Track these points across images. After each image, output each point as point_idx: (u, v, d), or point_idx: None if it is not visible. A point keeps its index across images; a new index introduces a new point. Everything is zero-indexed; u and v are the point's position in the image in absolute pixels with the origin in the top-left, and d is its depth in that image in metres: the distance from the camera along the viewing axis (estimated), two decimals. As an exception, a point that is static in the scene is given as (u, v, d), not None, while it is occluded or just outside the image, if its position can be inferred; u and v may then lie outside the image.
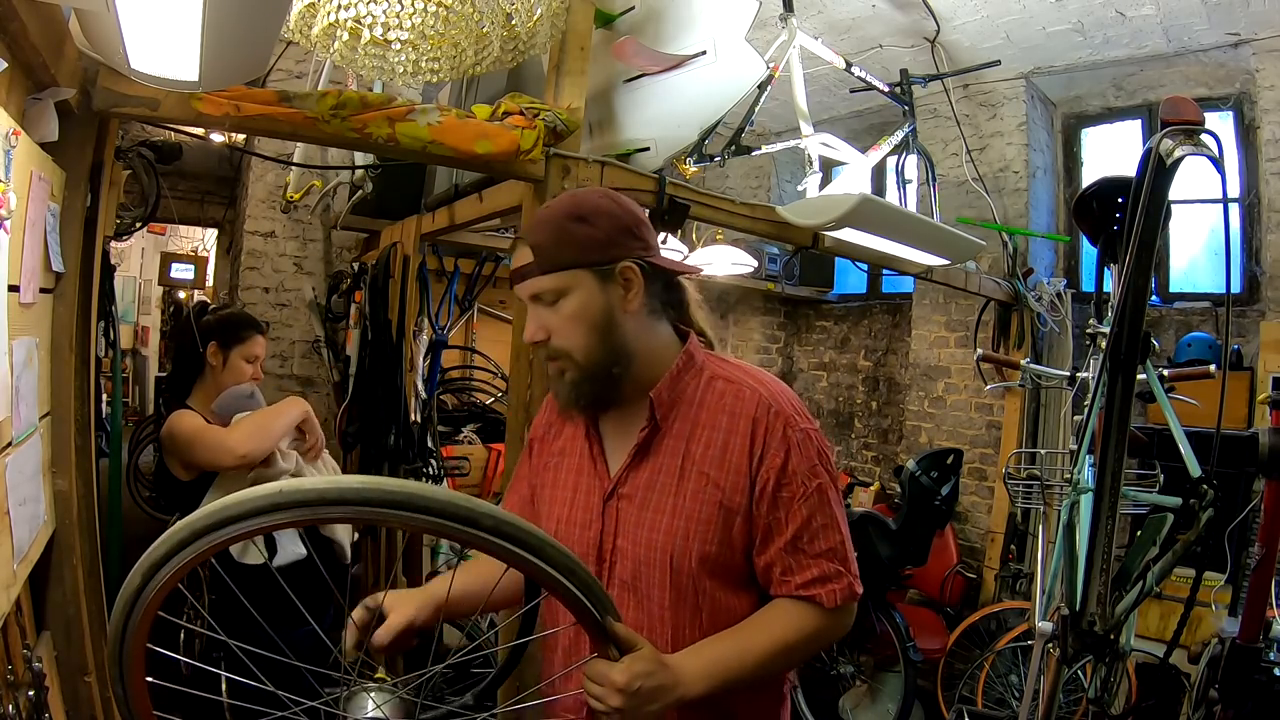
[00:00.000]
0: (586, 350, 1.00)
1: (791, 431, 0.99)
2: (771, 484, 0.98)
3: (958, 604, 3.58)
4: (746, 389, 1.02)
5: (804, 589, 0.98)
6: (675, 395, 1.03)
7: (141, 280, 7.38)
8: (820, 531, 0.99)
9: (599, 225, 1.00)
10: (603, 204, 1.02)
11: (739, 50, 1.95)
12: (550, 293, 1.00)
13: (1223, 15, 3.11)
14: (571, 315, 0.99)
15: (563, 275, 0.99)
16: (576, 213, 1.00)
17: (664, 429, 1.03)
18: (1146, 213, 1.06)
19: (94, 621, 1.52)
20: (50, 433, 1.40)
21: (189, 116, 1.46)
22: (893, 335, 4.62)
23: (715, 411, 1.02)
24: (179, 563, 0.66)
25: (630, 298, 1.01)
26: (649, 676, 0.85)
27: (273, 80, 3.26)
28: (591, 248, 0.99)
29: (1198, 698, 1.76)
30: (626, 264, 1.00)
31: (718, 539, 0.99)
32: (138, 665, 0.71)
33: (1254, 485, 2.12)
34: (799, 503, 0.98)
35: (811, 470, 0.99)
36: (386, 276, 2.89)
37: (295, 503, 0.63)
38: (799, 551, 0.99)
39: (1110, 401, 1.15)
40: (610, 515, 1.04)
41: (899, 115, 3.21)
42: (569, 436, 1.13)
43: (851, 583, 1.00)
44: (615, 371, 1.01)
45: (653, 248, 1.04)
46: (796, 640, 0.98)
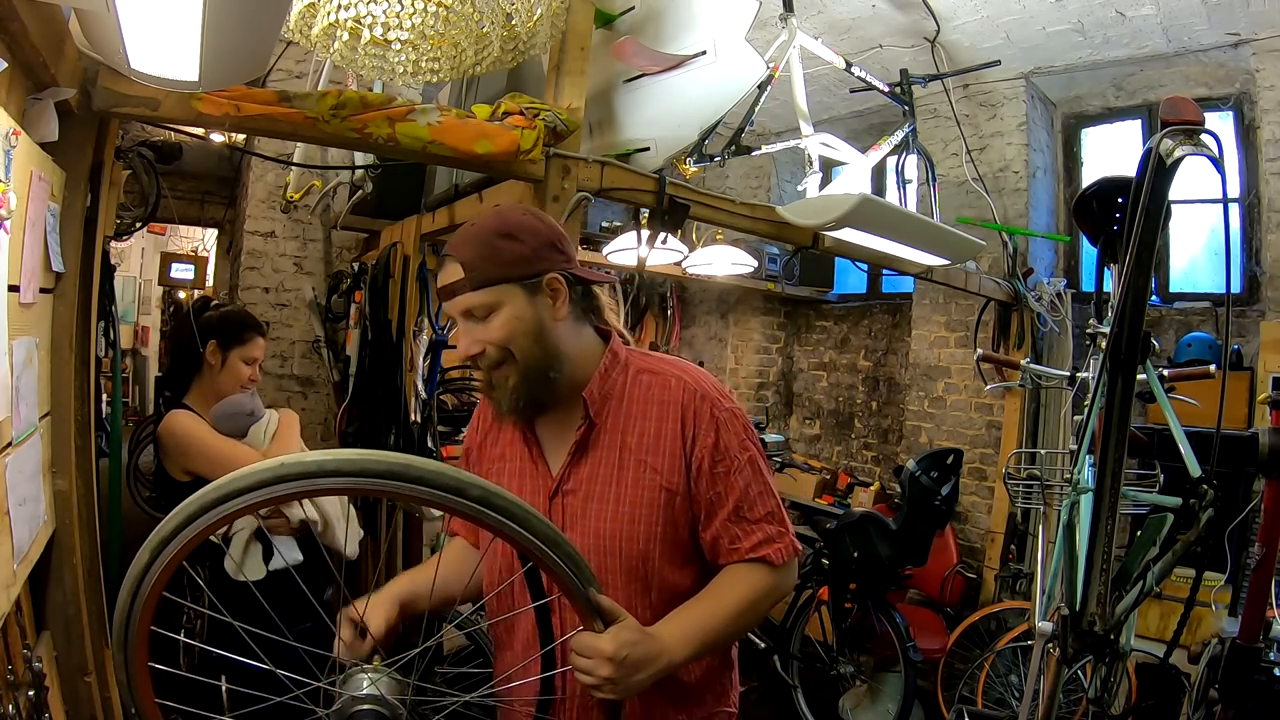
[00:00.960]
0: (524, 355, 1.05)
1: (718, 411, 1.07)
2: (707, 462, 1.05)
3: (958, 604, 3.58)
4: (672, 379, 1.09)
5: (753, 552, 1.06)
6: (605, 392, 1.09)
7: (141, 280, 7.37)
8: (758, 498, 1.07)
9: (526, 241, 1.05)
10: (528, 221, 1.07)
11: (739, 50, 1.95)
12: (481, 308, 1.04)
13: (1223, 15, 3.10)
14: (504, 327, 1.04)
15: (493, 290, 1.03)
16: (504, 230, 1.05)
17: (599, 424, 1.09)
18: (1146, 213, 1.06)
19: (94, 621, 1.52)
20: (50, 433, 1.40)
21: (189, 116, 1.46)
22: (893, 335, 4.62)
23: (645, 402, 1.09)
24: (186, 536, 0.69)
25: (558, 306, 1.06)
26: (635, 645, 0.88)
27: (273, 80, 3.26)
28: (519, 263, 1.04)
29: (1198, 698, 1.76)
30: (552, 275, 1.06)
31: (662, 519, 1.05)
32: (141, 645, 0.75)
33: (1254, 485, 2.13)
34: (735, 475, 1.06)
35: (741, 444, 1.07)
36: (386, 276, 2.89)
37: (296, 475, 0.68)
38: (742, 519, 1.06)
39: (1110, 401, 1.15)
40: (557, 511, 1.09)
41: (899, 115, 3.21)
42: (506, 443, 1.18)
43: (792, 540, 1.09)
44: (552, 374, 1.06)
45: (573, 260, 1.11)
46: (757, 597, 1.05)
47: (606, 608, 0.88)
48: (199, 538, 0.69)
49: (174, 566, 0.71)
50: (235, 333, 1.99)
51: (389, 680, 0.85)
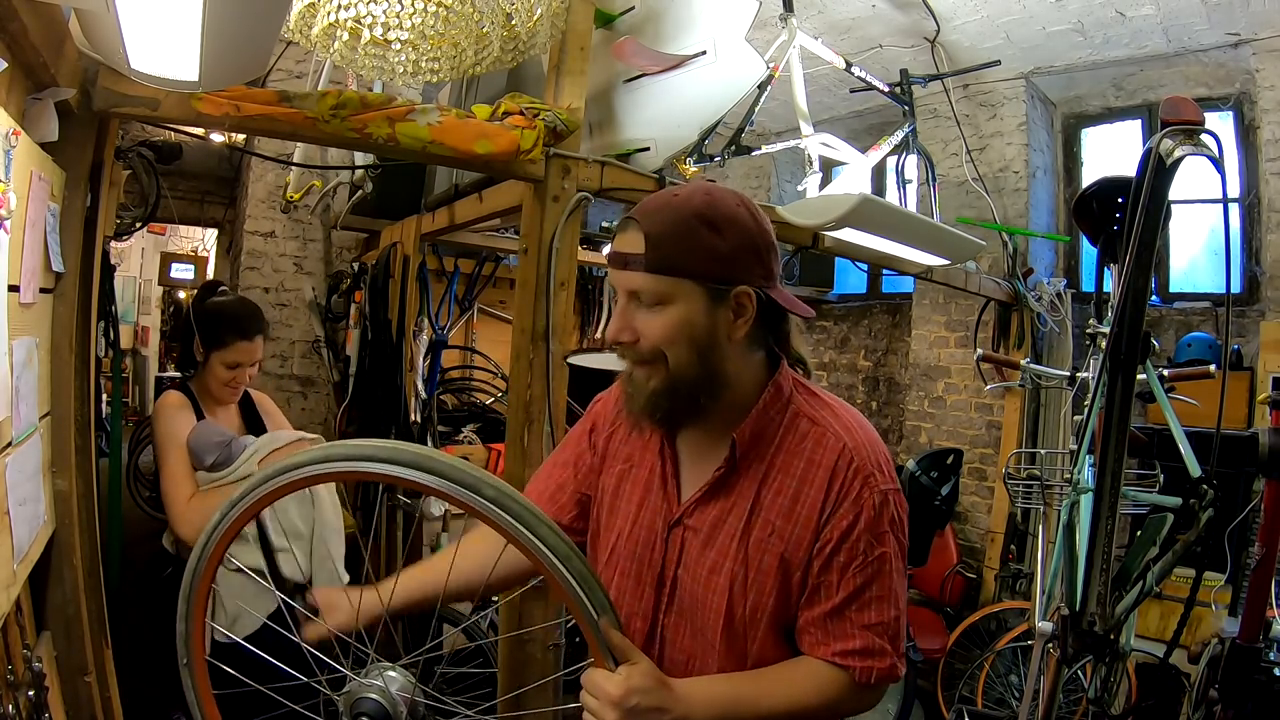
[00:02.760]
0: (679, 362, 0.91)
1: (868, 492, 0.91)
2: (833, 544, 0.91)
3: (958, 604, 3.58)
4: (830, 435, 0.94)
5: (840, 657, 0.91)
6: (757, 432, 0.96)
7: (141, 280, 7.37)
8: (872, 603, 0.91)
9: (729, 238, 0.89)
10: (739, 214, 0.91)
11: (739, 50, 1.95)
12: (652, 295, 0.90)
13: (1223, 15, 3.10)
14: (670, 325, 0.90)
15: (672, 281, 0.89)
16: (709, 216, 0.89)
17: (739, 467, 0.96)
18: (1146, 213, 1.06)
19: (94, 621, 1.52)
20: (50, 433, 1.40)
21: (189, 116, 1.46)
22: (893, 335, 4.62)
23: (793, 456, 0.94)
24: (249, 502, 0.85)
25: (739, 325, 0.92)
26: (646, 694, 0.81)
27: (273, 80, 3.26)
28: (714, 261, 0.89)
29: (1198, 698, 1.76)
30: (745, 289, 0.90)
31: (774, 591, 0.93)
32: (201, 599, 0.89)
33: (1254, 485, 2.12)
34: (854, 570, 0.91)
35: (879, 537, 0.92)
36: (386, 276, 2.89)
37: (338, 458, 0.81)
38: (845, 619, 0.91)
39: (1110, 401, 1.15)
40: (674, 543, 0.98)
41: (899, 115, 3.21)
42: (639, 446, 1.05)
43: (895, 664, 0.92)
44: (703, 399, 0.93)
45: (775, 276, 0.95)
46: (816, 705, 0.91)
47: (617, 644, 0.81)
48: (260, 505, 0.85)
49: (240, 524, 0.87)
50: (215, 334, 1.85)
51: (402, 678, 0.86)
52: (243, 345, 1.87)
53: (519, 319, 1.88)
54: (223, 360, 1.86)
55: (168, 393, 1.90)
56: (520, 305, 1.87)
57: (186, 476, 1.75)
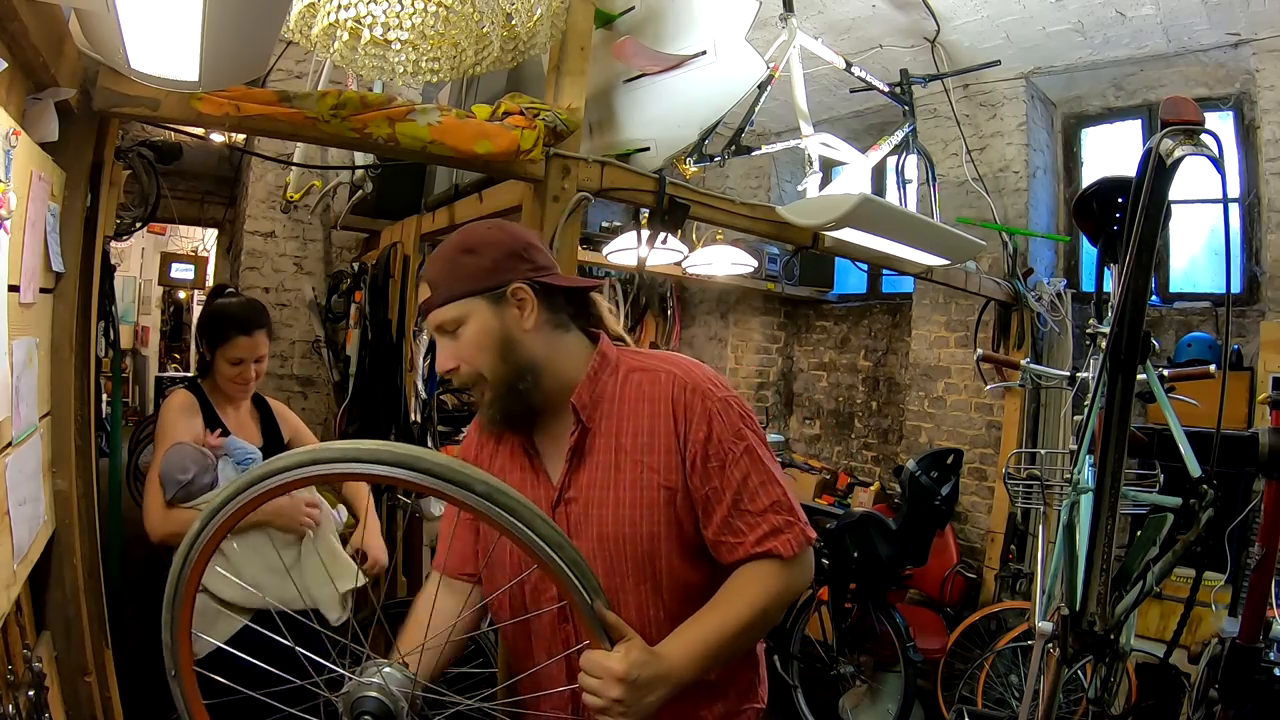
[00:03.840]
0: (492, 370, 1.05)
1: (710, 402, 1.03)
2: (699, 456, 1.02)
3: (958, 604, 3.58)
4: (662, 374, 1.07)
5: (758, 545, 1.01)
6: (596, 395, 1.08)
7: (141, 280, 7.37)
8: (759, 489, 1.02)
9: (486, 254, 1.05)
10: (489, 234, 1.08)
11: (739, 50, 1.95)
12: (450, 323, 1.05)
13: (1223, 15, 3.10)
14: (472, 340, 1.04)
15: (458, 305, 1.04)
16: (465, 246, 1.06)
17: (593, 429, 1.07)
18: (1146, 213, 1.06)
19: (94, 621, 1.52)
20: (50, 433, 1.40)
21: (189, 116, 1.46)
22: (893, 335, 4.62)
23: (636, 402, 1.06)
24: (233, 508, 0.82)
25: (526, 316, 1.06)
26: (644, 665, 0.86)
27: (273, 80, 3.26)
28: (480, 275, 1.04)
29: (1198, 698, 1.76)
30: (516, 285, 1.05)
31: (664, 518, 1.03)
32: (186, 607, 0.87)
33: (1254, 485, 2.13)
34: (730, 467, 1.02)
35: (736, 434, 1.03)
36: (386, 276, 2.89)
37: (326, 459, 0.80)
38: (744, 513, 1.02)
39: (1110, 401, 1.15)
40: (560, 521, 1.07)
41: (899, 115, 3.21)
42: (505, 454, 1.16)
43: (803, 529, 1.04)
44: (522, 387, 1.05)
45: (543, 267, 1.09)
46: (768, 602, 1.01)
47: (612, 624, 0.86)
48: (242, 511, 0.83)
49: (224, 531, 0.84)
50: (218, 331, 1.90)
51: (399, 674, 0.87)
52: (243, 340, 1.89)
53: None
54: (225, 357, 1.89)
55: (175, 393, 1.91)
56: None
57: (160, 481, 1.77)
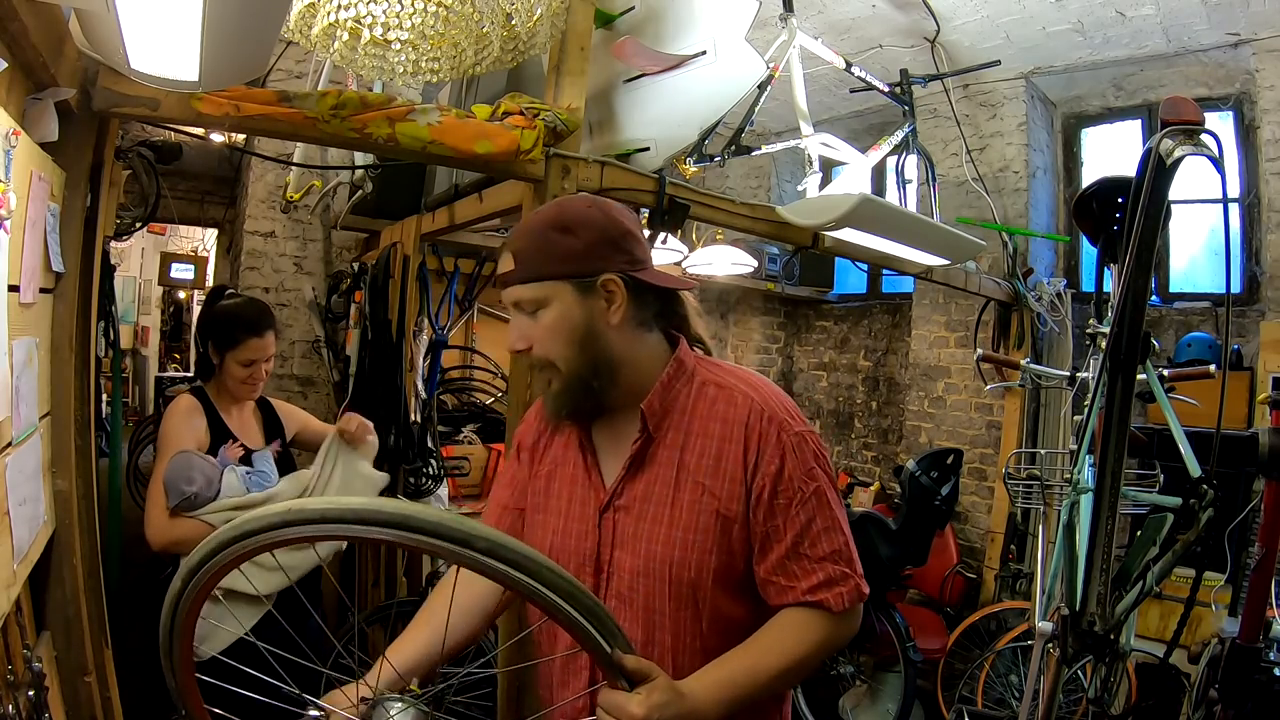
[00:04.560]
0: (567, 361, 0.99)
1: (786, 436, 0.98)
2: (768, 491, 0.97)
3: (958, 604, 3.58)
4: (739, 394, 1.01)
5: (810, 594, 0.96)
6: (667, 404, 1.02)
7: (141, 280, 7.36)
8: (821, 535, 0.97)
9: (581, 236, 0.98)
10: (588, 214, 1.00)
11: (739, 50, 1.95)
12: (530, 302, 0.99)
13: (1223, 15, 3.11)
14: (551, 326, 0.98)
15: (542, 286, 0.98)
16: (560, 222, 0.99)
17: (658, 439, 1.02)
18: (1146, 213, 1.06)
19: (94, 621, 1.52)
20: (50, 433, 1.40)
21: (189, 116, 1.46)
22: (893, 335, 4.62)
23: (708, 419, 1.01)
24: (211, 569, 0.74)
25: (613, 311, 0.99)
26: (667, 706, 0.82)
27: (273, 80, 3.26)
28: (572, 259, 0.98)
29: (1198, 698, 1.76)
30: (608, 277, 0.98)
31: (716, 547, 0.97)
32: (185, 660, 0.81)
33: (1254, 485, 2.13)
34: (796, 508, 0.97)
35: (808, 473, 0.98)
36: (386, 276, 2.89)
37: (301, 520, 0.71)
38: (801, 557, 0.97)
39: (1110, 401, 1.15)
40: (607, 527, 1.02)
41: (899, 115, 3.22)
42: (561, 447, 1.11)
43: (858, 584, 0.98)
44: (595, 385, 1.00)
45: (639, 260, 1.02)
46: (807, 652, 0.96)
47: (632, 669, 0.81)
48: (221, 572, 0.75)
49: (206, 591, 0.77)
50: (227, 334, 1.90)
51: (416, 711, 0.82)
52: (255, 342, 1.90)
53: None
54: (237, 359, 1.89)
55: (179, 397, 1.91)
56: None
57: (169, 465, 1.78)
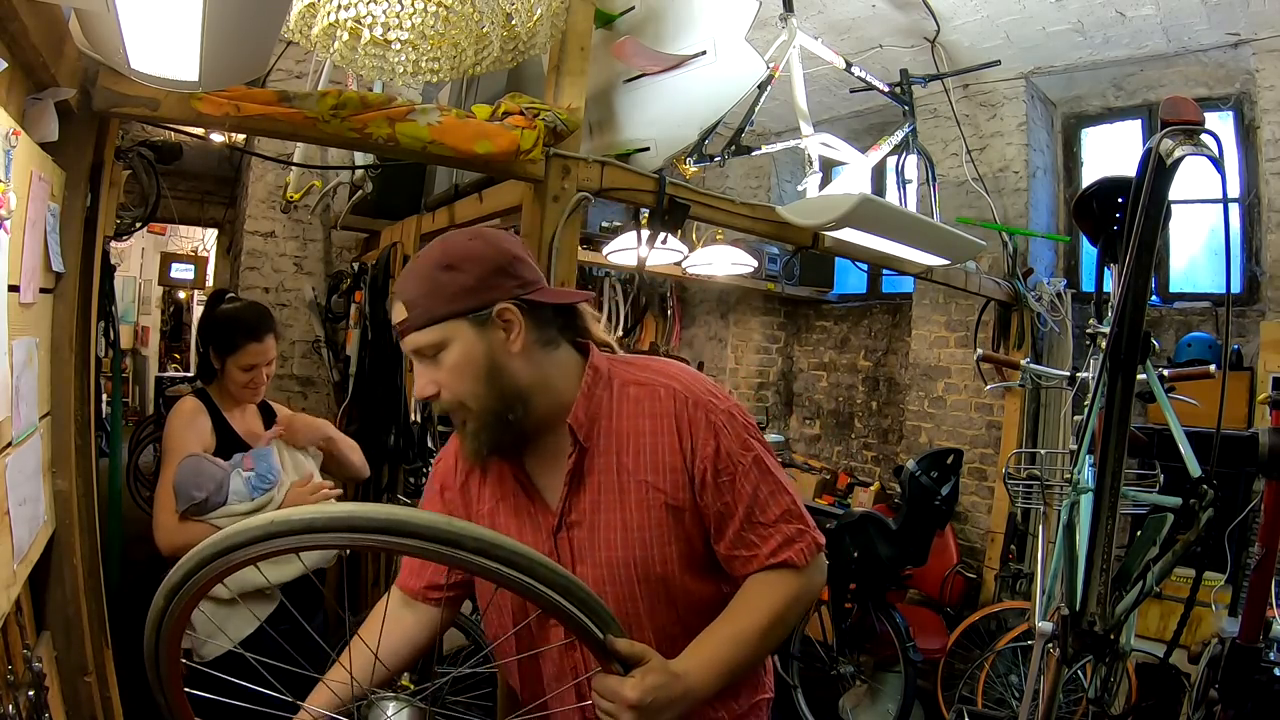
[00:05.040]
0: (478, 399, 0.97)
1: (714, 416, 1.00)
2: (709, 472, 0.99)
3: (958, 604, 3.58)
4: (660, 388, 1.02)
5: (773, 557, 0.99)
6: (592, 413, 1.02)
7: (141, 280, 7.37)
8: (769, 500, 1.00)
9: (468, 270, 0.96)
10: (471, 247, 0.99)
11: (739, 50, 1.95)
12: (429, 347, 0.97)
13: (1223, 15, 3.10)
14: (454, 367, 0.96)
15: (438, 329, 0.96)
16: (444, 261, 0.97)
17: (590, 449, 1.01)
18: (1146, 213, 1.06)
19: (94, 621, 1.52)
20: (50, 433, 1.40)
21: (189, 116, 1.45)
22: (893, 335, 4.62)
23: (635, 418, 1.01)
24: (194, 585, 0.73)
25: (513, 339, 0.98)
26: (660, 689, 0.84)
27: (273, 80, 3.26)
28: (463, 295, 0.95)
29: (1198, 698, 1.76)
30: (502, 306, 0.96)
31: (674, 537, 1.00)
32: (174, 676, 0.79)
33: (1254, 485, 2.13)
34: (741, 480, 0.99)
35: (743, 445, 1.00)
36: (386, 276, 2.89)
37: (286, 531, 0.69)
38: (756, 525, 1.00)
39: (1110, 401, 1.15)
40: (564, 547, 1.03)
41: (899, 115, 3.21)
42: (495, 483, 1.09)
43: (813, 536, 1.02)
44: (511, 416, 0.98)
45: (530, 282, 1.00)
46: (783, 608, 0.99)
47: (627, 652, 0.83)
48: (206, 586, 0.73)
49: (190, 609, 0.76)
50: (228, 339, 1.89)
51: (412, 710, 0.82)
52: (254, 347, 1.89)
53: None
54: (238, 364, 1.89)
55: (183, 400, 1.91)
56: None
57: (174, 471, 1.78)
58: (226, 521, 1.73)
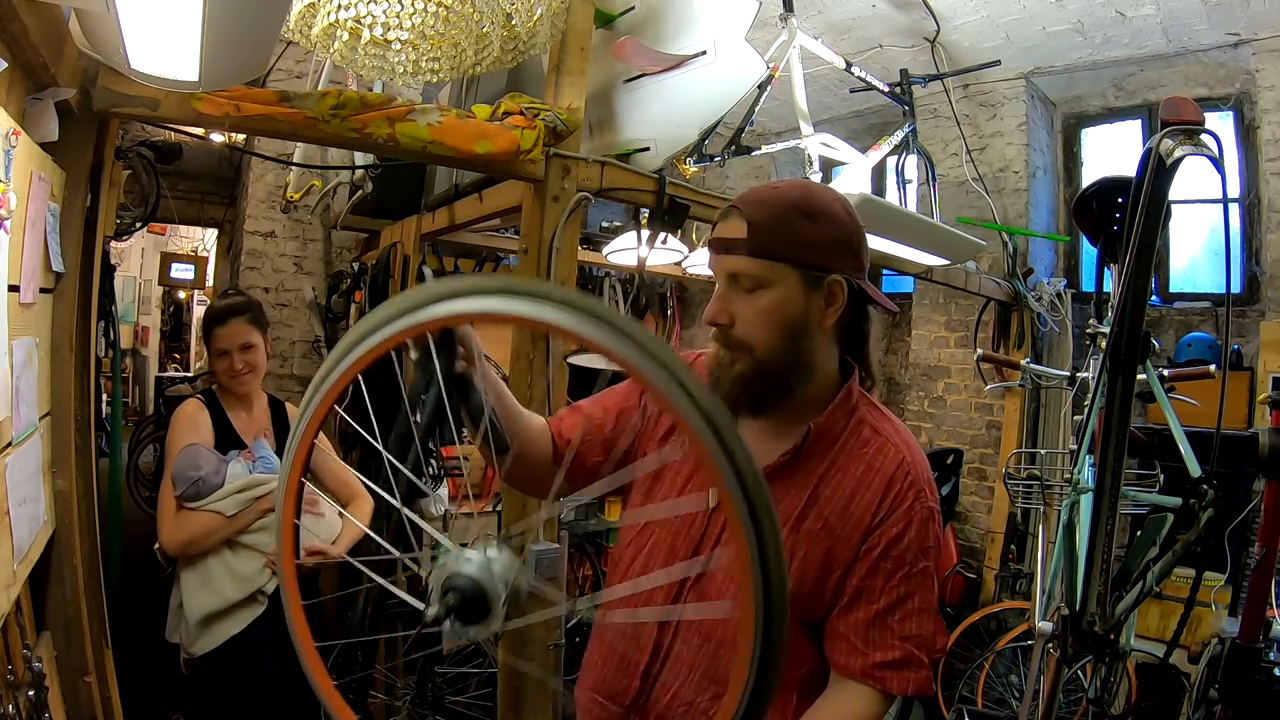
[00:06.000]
0: (768, 349, 0.94)
1: (919, 506, 0.94)
2: (879, 550, 0.93)
3: (958, 604, 3.58)
4: (892, 447, 0.97)
5: (878, 669, 0.91)
6: (825, 429, 0.98)
7: (141, 280, 7.36)
8: (914, 615, 0.93)
9: (825, 228, 0.93)
10: (835, 208, 0.96)
11: (739, 50, 1.95)
12: (751, 279, 0.93)
13: (1223, 15, 3.10)
14: (766, 309, 0.93)
15: (771, 266, 0.92)
16: (806, 207, 0.94)
17: (803, 458, 0.97)
18: (1146, 213, 1.06)
19: (94, 621, 1.52)
20: (50, 433, 1.40)
21: (189, 116, 1.45)
22: (893, 335, 4.62)
23: (854, 458, 0.97)
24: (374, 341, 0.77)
25: (830, 313, 0.95)
26: None
27: (273, 80, 3.26)
28: (810, 249, 0.93)
29: (1198, 698, 1.76)
30: (836, 278, 0.93)
31: (813, 583, 0.94)
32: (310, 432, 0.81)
33: (1254, 485, 2.13)
34: (900, 578, 0.93)
35: (923, 551, 0.94)
36: (386, 276, 2.89)
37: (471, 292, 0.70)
38: (886, 628, 0.92)
39: (1110, 401, 1.15)
40: (714, 526, 0.99)
41: (899, 115, 3.21)
42: None
43: (929, 676, 0.94)
44: (792, 382, 0.96)
45: (864, 270, 0.98)
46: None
47: None
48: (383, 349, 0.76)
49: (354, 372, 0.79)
50: (207, 329, 1.94)
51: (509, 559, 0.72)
52: (219, 331, 1.91)
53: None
54: (212, 351, 1.93)
55: (185, 403, 1.94)
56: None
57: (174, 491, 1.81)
58: (225, 504, 1.79)
